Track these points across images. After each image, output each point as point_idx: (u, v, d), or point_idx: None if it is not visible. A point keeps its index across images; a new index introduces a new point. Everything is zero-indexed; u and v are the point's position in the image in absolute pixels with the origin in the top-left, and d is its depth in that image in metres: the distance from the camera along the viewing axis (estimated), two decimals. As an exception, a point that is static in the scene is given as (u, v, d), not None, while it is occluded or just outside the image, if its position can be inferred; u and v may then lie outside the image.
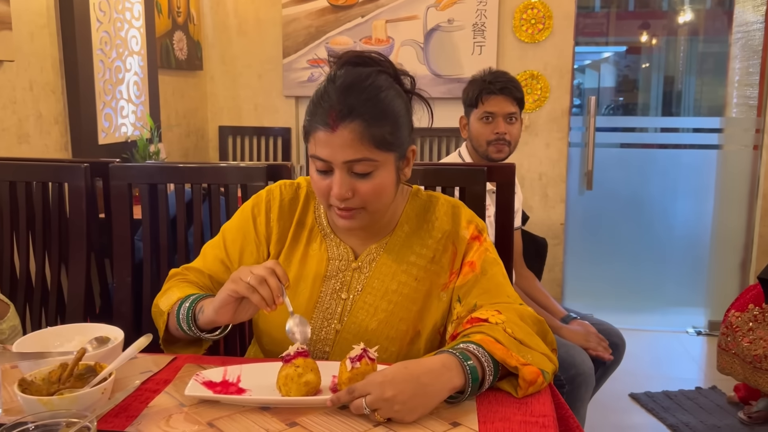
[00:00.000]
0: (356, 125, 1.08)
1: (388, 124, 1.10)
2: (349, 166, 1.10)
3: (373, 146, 1.09)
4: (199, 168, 1.83)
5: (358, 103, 1.08)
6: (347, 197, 1.12)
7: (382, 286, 1.22)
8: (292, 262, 1.27)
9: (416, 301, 1.22)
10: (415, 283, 1.22)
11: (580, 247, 3.85)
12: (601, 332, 2.23)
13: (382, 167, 1.12)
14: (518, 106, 2.13)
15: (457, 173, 1.71)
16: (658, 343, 3.56)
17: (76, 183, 1.84)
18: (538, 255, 2.47)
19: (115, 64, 2.87)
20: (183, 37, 3.56)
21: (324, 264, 1.25)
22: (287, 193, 1.31)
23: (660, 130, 4.04)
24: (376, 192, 1.12)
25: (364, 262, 1.24)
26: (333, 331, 1.23)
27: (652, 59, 5.31)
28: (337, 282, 1.24)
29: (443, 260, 1.24)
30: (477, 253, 1.23)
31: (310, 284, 1.25)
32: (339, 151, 1.09)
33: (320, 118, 1.10)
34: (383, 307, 1.21)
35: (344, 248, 1.25)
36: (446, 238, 1.24)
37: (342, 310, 1.23)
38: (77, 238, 1.87)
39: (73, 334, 1.12)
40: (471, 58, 3.63)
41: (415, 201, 1.28)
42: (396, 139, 1.12)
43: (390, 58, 1.25)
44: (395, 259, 1.23)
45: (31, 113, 2.43)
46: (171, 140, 3.52)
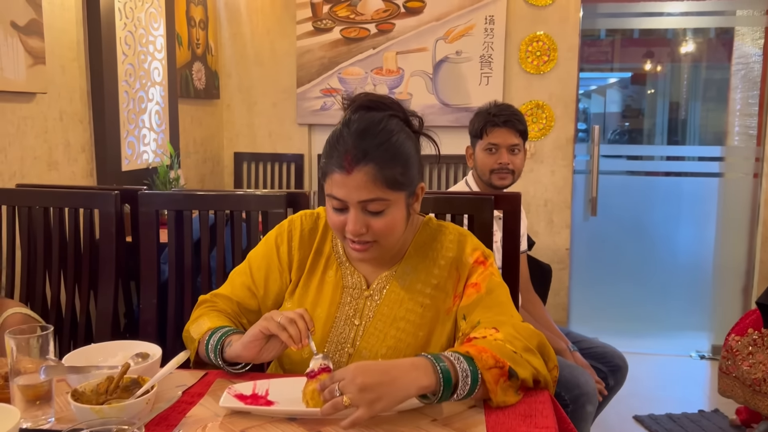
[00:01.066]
0: (370, 168, 1.17)
1: (399, 166, 1.20)
2: (363, 205, 1.20)
3: (386, 187, 1.19)
4: (223, 196, 1.94)
5: (372, 147, 1.18)
6: (362, 233, 1.21)
7: (391, 314, 1.31)
8: (310, 288, 1.37)
9: (423, 327, 1.30)
10: (421, 310, 1.30)
11: (585, 272, 3.93)
12: (603, 354, 2.32)
13: (393, 205, 1.21)
14: (521, 137, 2.22)
15: (466, 202, 1.80)
16: (662, 367, 3.62)
17: (107, 209, 1.95)
18: (543, 281, 2.56)
19: (138, 94, 3.01)
20: (201, 67, 3.71)
21: (339, 291, 1.35)
22: (307, 223, 1.41)
23: (665, 158, 4.14)
24: (388, 228, 1.22)
25: (375, 290, 1.33)
26: (346, 354, 1.31)
27: (656, 86, 5.41)
28: (351, 309, 1.33)
29: (447, 286, 1.32)
30: (482, 276, 1.31)
31: (326, 310, 1.34)
32: (354, 191, 1.19)
33: (336, 161, 1.19)
34: (392, 333, 1.30)
35: (357, 276, 1.34)
36: (451, 265, 1.33)
37: (355, 335, 1.31)
38: (106, 262, 1.97)
39: (116, 350, 1.22)
40: (478, 88, 3.75)
41: (425, 230, 1.37)
42: (406, 179, 1.22)
43: (400, 87, 1.37)
44: (404, 287, 1.32)
45: (60, 142, 2.56)
46: (189, 166, 3.65)
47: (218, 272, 1.94)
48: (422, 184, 1.30)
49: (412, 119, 1.31)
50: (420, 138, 1.33)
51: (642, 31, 5.45)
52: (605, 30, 5.23)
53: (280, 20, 3.97)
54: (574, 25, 3.67)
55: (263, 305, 1.40)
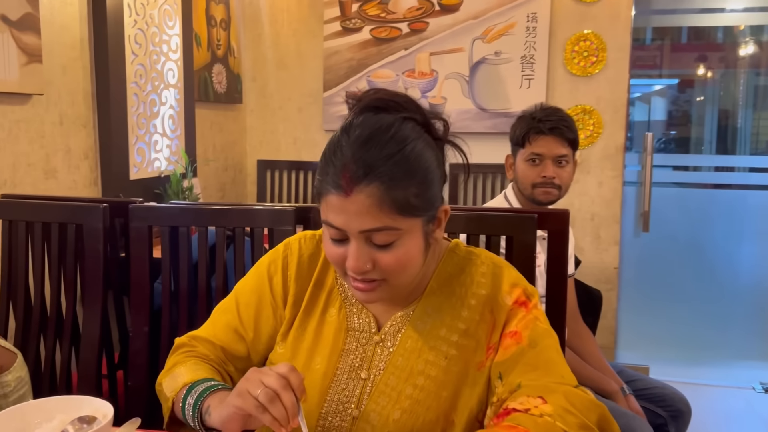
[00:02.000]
0: (374, 189, 0.90)
1: (413, 185, 0.92)
2: (367, 236, 0.94)
3: (395, 212, 0.92)
4: (224, 210, 1.70)
5: (377, 160, 0.91)
6: (365, 270, 0.95)
7: (407, 366, 1.03)
8: (307, 330, 1.10)
9: (447, 385, 1.02)
10: (445, 362, 1.03)
11: (635, 294, 3.60)
12: (662, 397, 2.01)
13: (406, 235, 0.94)
14: (571, 147, 1.93)
15: (503, 220, 1.54)
16: (721, 400, 3.26)
17: (93, 224, 1.73)
18: (593, 310, 2.26)
19: (150, 97, 2.80)
20: (222, 70, 3.50)
21: (342, 335, 1.08)
22: (307, 247, 1.14)
23: (715, 169, 3.79)
24: (399, 264, 0.95)
25: (387, 334, 1.06)
26: (349, 417, 1.04)
27: (706, 92, 5.04)
28: (356, 358, 1.06)
29: (479, 333, 1.04)
30: (523, 322, 1.02)
31: (326, 359, 1.07)
32: (354, 219, 0.92)
33: (332, 179, 0.92)
34: (408, 392, 1.02)
35: (366, 316, 1.08)
36: (483, 305, 1.04)
37: (361, 393, 1.04)
38: (93, 282, 1.75)
39: (56, 410, 0.97)
40: (519, 91, 3.46)
41: (451, 259, 1.09)
42: (423, 202, 0.94)
43: (434, 91, 1.09)
44: (423, 333, 1.04)
45: (59, 148, 2.35)
46: (207, 175, 3.44)
47: (218, 297, 1.70)
48: (446, 206, 1.02)
49: (435, 122, 1.02)
50: (444, 147, 1.04)
51: (691, 35, 5.09)
52: (650, 34, 4.91)
53: (306, 20, 3.74)
54: (626, 22, 3.36)
55: (253, 350, 1.14)
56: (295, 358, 1.08)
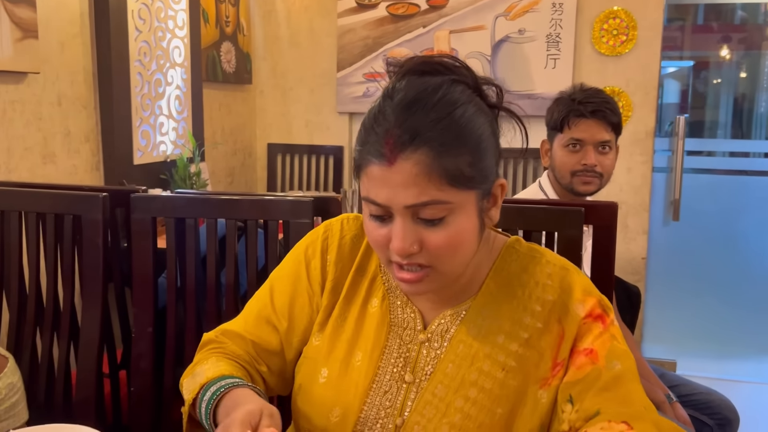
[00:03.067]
0: (422, 155, 0.79)
1: (466, 152, 0.81)
2: (414, 211, 0.82)
3: (446, 183, 0.80)
4: (235, 201, 1.55)
5: (425, 124, 0.80)
6: (412, 252, 0.83)
7: (458, 375, 0.90)
8: (347, 320, 0.98)
9: (503, 402, 0.89)
10: (502, 374, 0.89)
11: (664, 285, 3.43)
12: (708, 404, 1.85)
13: (458, 211, 0.82)
14: (614, 132, 1.77)
15: (545, 214, 1.40)
16: (756, 397, 3.11)
17: (92, 216, 1.58)
18: (630, 308, 2.09)
19: (155, 77, 2.63)
20: (231, 48, 3.33)
21: (385, 330, 0.96)
22: (350, 228, 1.03)
23: (761, 155, 3.60)
24: (450, 245, 0.83)
25: (434, 333, 0.94)
26: (391, 426, 0.91)
27: (722, 74, 4.83)
28: (400, 357, 0.94)
29: (543, 344, 0.90)
30: (600, 340, 0.88)
31: (367, 356, 0.95)
32: (400, 191, 0.80)
33: (374, 148, 0.82)
34: (458, 405, 0.89)
35: (411, 311, 0.96)
36: (550, 312, 0.91)
37: (404, 399, 0.92)
38: (92, 277, 1.60)
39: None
40: (544, 72, 3.28)
41: (510, 256, 0.95)
42: (478, 172, 0.83)
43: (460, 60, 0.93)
44: (477, 337, 0.91)
45: (58, 131, 2.20)
46: (216, 158, 3.28)
47: (228, 296, 1.55)
48: (502, 180, 0.89)
49: (487, 89, 0.90)
50: (498, 121, 0.91)
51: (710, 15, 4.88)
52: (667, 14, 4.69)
53: (319, -4, 3.57)
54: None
55: (287, 343, 1.02)
56: (333, 351, 0.97)
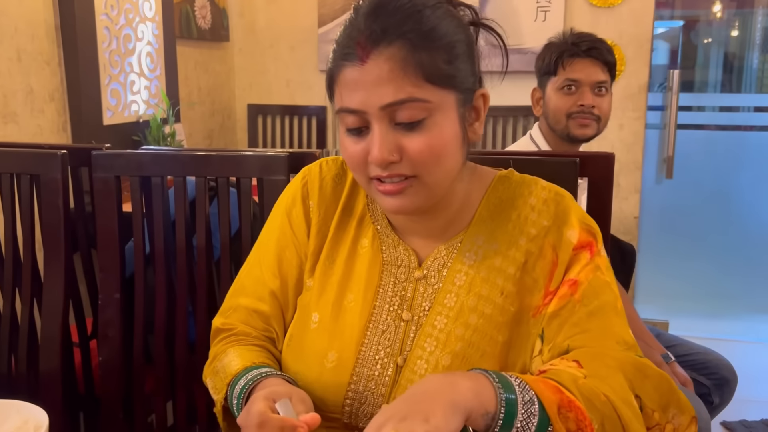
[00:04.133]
0: (395, 49, 0.76)
1: (441, 49, 0.78)
2: (391, 112, 0.78)
3: (423, 78, 0.77)
4: (204, 157, 1.44)
5: (395, 21, 0.77)
6: (392, 160, 0.79)
7: (457, 303, 0.87)
8: (336, 262, 0.94)
9: (503, 328, 0.86)
10: (501, 299, 0.87)
11: (656, 244, 3.38)
12: (705, 364, 1.80)
13: (438, 112, 0.79)
14: (609, 73, 1.69)
15: (538, 165, 1.30)
16: (749, 357, 3.06)
17: (50, 175, 1.47)
18: (625, 266, 2.02)
19: (123, 31, 2.49)
20: (206, 3, 3.17)
21: (377, 270, 0.92)
22: (329, 169, 0.98)
23: (754, 110, 3.52)
24: (431, 150, 0.79)
25: (430, 269, 0.90)
26: (392, 365, 0.88)
27: (712, 33, 4.71)
28: (395, 296, 0.91)
29: (538, 270, 0.87)
30: (585, 271, 0.85)
31: (360, 295, 0.91)
32: (374, 91, 0.77)
33: (345, 51, 0.79)
34: (458, 333, 0.86)
35: (404, 249, 0.92)
36: (544, 237, 0.88)
37: (404, 337, 0.89)
38: (53, 241, 1.49)
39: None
40: (533, 25, 3.15)
41: (502, 184, 0.93)
42: (455, 71, 0.80)
43: None
44: (473, 264, 0.89)
45: (19, 88, 2.06)
46: (193, 119, 3.15)
47: (199, 259, 1.45)
48: (484, 90, 0.86)
49: (460, 10, 0.87)
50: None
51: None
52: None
53: (298, -54, 3.40)
54: (653, -55, 3.04)
55: (284, 301, 0.98)
56: (323, 294, 0.93)
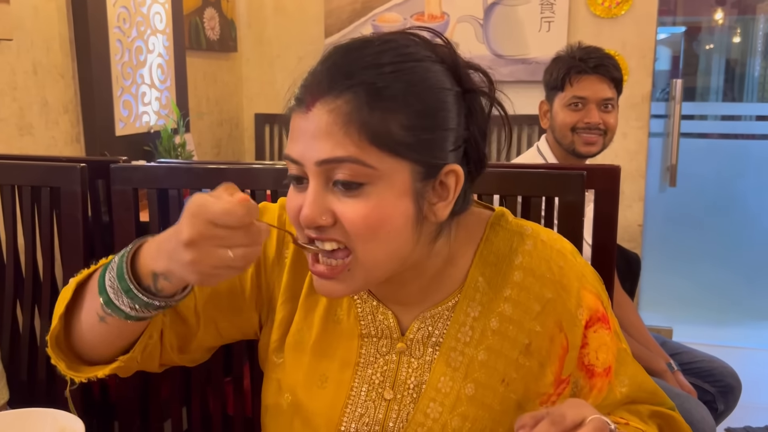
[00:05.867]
0: (342, 103, 0.66)
1: (404, 112, 0.67)
2: (328, 170, 0.68)
3: (366, 140, 0.66)
4: (219, 170, 1.48)
5: (357, 69, 0.68)
6: (321, 224, 0.69)
7: (452, 390, 0.77)
8: (305, 338, 0.83)
9: (503, 419, 0.77)
10: (503, 387, 0.77)
11: (661, 252, 3.41)
12: (710, 371, 1.82)
13: (382, 181, 0.68)
14: (616, 89, 1.72)
15: (545, 178, 1.34)
16: (753, 364, 3.08)
17: (70, 187, 1.50)
18: (630, 275, 2.05)
19: (135, 44, 2.53)
20: (215, 15, 3.21)
21: (355, 343, 0.81)
22: None
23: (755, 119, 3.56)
24: (368, 222, 0.68)
25: (413, 341, 0.80)
26: None
27: (714, 40, 4.74)
28: (376, 372, 0.80)
29: (544, 353, 0.78)
30: (612, 351, 0.79)
31: (336, 376, 0.81)
32: (311, 144, 0.67)
33: (297, 96, 0.71)
34: (455, 425, 0.77)
35: (384, 317, 0.80)
36: (547, 313, 0.77)
37: (385, 418, 0.79)
38: (72, 252, 1.53)
39: (13, 429, 0.76)
40: (538, 35, 3.19)
41: (497, 235, 0.80)
42: (415, 139, 0.68)
43: (445, 36, 0.76)
44: (470, 343, 0.78)
45: (35, 101, 2.10)
46: (201, 129, 3.19)
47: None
48: (457, 168, 0.72)
49: (468, 73, 0.75)
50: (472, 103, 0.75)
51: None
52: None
53: (305, -41, 3.44)
54: (655, -43, 3.08)
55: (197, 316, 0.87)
56: (294, 374, 0.84)
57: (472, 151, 0.75)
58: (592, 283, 0.80)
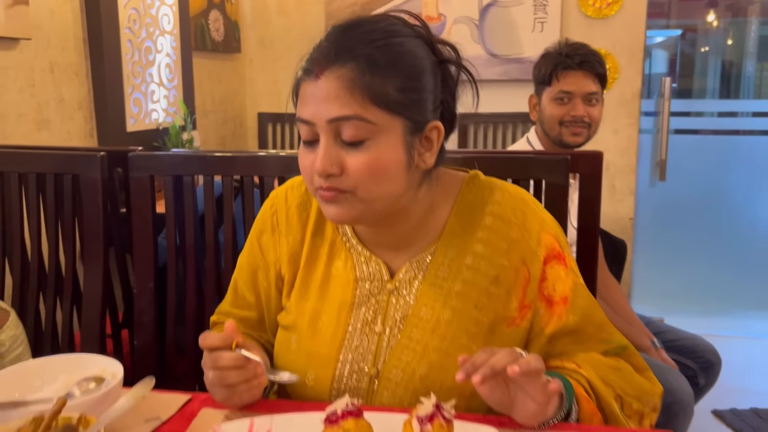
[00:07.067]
0: (347, 70, 0.81)
1: (396, 76, 0.83)
2: (336, 128, 0.83)
3: (369, 100, 0.82)
4: (231, 158, 1.58)
5: (357, 42, 0.83)
6: (332, 173, 0.83)
7: (432, 316, 0.93)
8: (311, 288, 0.99)
9: (478, 338, 0.92)
10: (475, 311, 0.92)
11: (651, 245, 3.51)
12: (693, 348, 1.93)
13: (381, 135, 0.83)
14: (600, 84, 1.82)
15: (532, 163, 1.44)
16: (743, 352, 3.19)
17: (91, 175, 1.61)
18: (617, 259, 2.15)
19: (145, 44, 2.64)
20: (219, 16, 3.33)
21: (351, 287, 0.96)
22: (294, 197, 1.03)
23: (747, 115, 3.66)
24: (370, 170, 0.83)
25: (401, 282, 0.95)
26: (366, 377, 0.94)
27: (710, 42, 4.85)
28: (369, 310, 0.95)
29: (509, 283, 0.93)
30: (567, 283, 0.94)
31: (334, 316, 0.96)
32: (323, 105, 0.82)
33: (305, 66, 0.85)
34: (435, 344, 0.92)
35: (376, 264, 0.96)
36: (512, 251, 0.93)
37: (377, 348, 0.94)
38: (93, 237, 1.63)
39: (60, 370, 0.87)
40: (531, 35, 3.30)
41: (471, 191, 0.97)
42: (405, 99, 0.84)
43: (442, 37, 0.96)
44: (447, 278, 0.93)
45: (51, 97, 2.22)
46: (207, 127, 3.30)
47: (226, 252, 1.59)
48: (438, 124, 0.89)
49: (441, 47, 0.92)
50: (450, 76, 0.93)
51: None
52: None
53: (306, -37, 3.56)
54: (644, -41, 3.19)
55: (259, 314, 1.07)
56: (299, 318, 0.99)
57: (447, 111, 0.91)
58: (551, 227, 0.96)
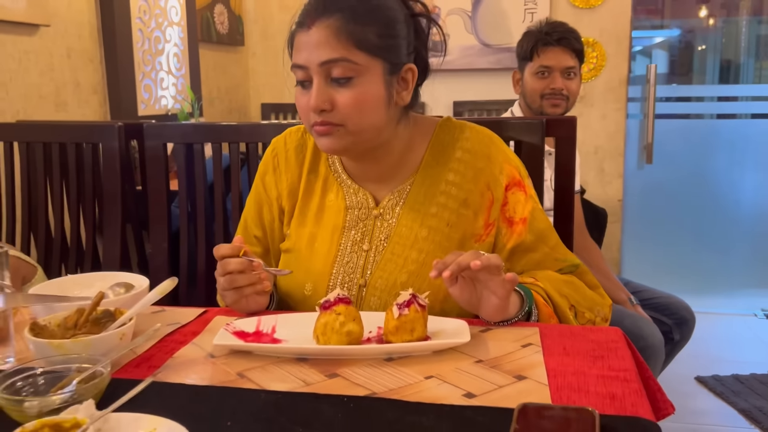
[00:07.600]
0: (334, 21, 0.98)
1: (374, 24, 1.00)
2: (327, 69, 0.98)
3: (353, 45, 0.98)
4: (236, 126, 1.73)
5: None
6: (324, 108, 0.99)
7: (411, 234, 1.10)
8: (308, 217, 1.16)
9: (449, 251, 1.04)
10: (447, 229, 1.10)
11: (639, 225, 3.63)
12: (667, 305, 2.07)
13: (365, 74, 0.99)
14: (578, 59, 1.96)
15: (511, 126, 1.57)
16: (725, 327, 3.33)
17: (110, 143, 1.77)
18: (597, 226, 2.30)
19: (154, 34, 2.80)
20: (224, 10, 3.48)
21: (342, 214, 1.14)
22: (292, 140, 1.20)
23: (726, 100, 3.78)
24: (357, 104, 0.99)
25: (385, 208, 1.12)
26: (356, 286, 1.11)
27: (707, 41, 4.97)
28: (357, 233, 1.12)
29: (476, 205, 1.10)
30: (527, 207, 1.11)
31: (328, 238, 1.13)
32: (314, 51, 0.98)
33: (298, 20, 1.02)
34: (413, 257, 1.09)
35: (363, 194, 1.14)
36: (477, 178, 1.10)
37: (365, 263, 1.11)
38: (112, 202, 1.79)
39: (94, 281, 1.02)
40: (522, 25, 3.42)
41: (444, 132, 1.14)
42: (383, 43, 1.00)
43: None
44: (423, 202, 1.11)
45: (68, 81, 2.37)
46: (213, 116, 3.45)
47: (234, 217, 1.73)
48: (411, 65, 1.05)
49: (413, 3, 1.09)
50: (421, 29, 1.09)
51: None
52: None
53: (306, -41, 3.70)
54: (628, -49, 3.34)
55: (266, 246, 1.22)
56: (298, 240, 1.15)
57: (420, 59, 1.08)
58: (512, 159, 1.14)
